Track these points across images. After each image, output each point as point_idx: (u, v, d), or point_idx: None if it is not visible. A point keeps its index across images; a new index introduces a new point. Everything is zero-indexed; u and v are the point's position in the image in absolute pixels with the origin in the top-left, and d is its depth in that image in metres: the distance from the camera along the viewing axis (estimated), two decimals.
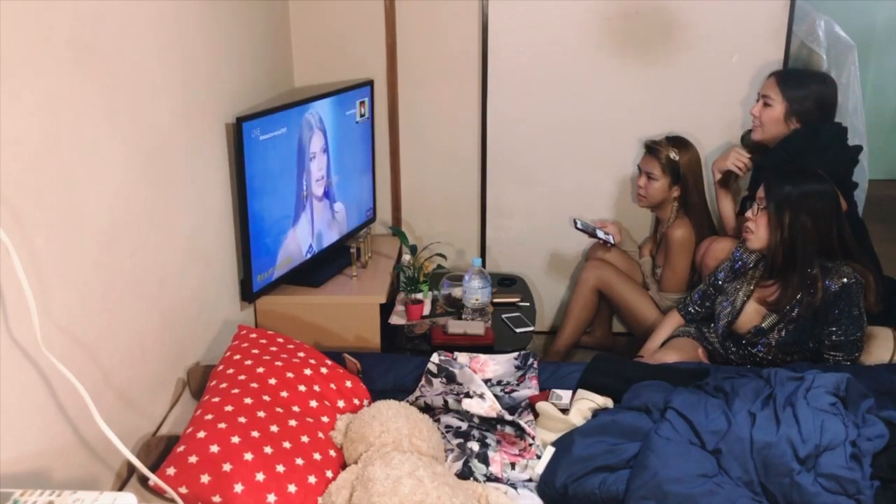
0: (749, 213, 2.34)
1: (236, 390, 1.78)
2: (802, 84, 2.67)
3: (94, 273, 1.59)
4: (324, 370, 2.00)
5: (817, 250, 2.23)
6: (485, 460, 1.83)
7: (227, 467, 1.56)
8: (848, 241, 2.26)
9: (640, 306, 2.91)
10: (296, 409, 1.82)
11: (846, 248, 2.25)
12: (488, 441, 1.90)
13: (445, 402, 2.02)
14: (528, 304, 2.94)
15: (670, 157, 2.84)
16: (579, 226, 3.00)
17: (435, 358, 2.24)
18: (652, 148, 2.89)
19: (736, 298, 2.40)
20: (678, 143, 2.87)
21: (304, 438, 1.72)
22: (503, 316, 2.81)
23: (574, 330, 3.05)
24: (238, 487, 1.54)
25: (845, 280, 2.20)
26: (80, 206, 1.53)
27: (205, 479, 1.54)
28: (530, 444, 1.90)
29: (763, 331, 2.32)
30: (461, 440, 1.90)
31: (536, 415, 2.01)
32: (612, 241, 2.99)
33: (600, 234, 2.98)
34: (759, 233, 2.30)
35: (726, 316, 2.41)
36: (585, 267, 3.04)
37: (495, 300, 2.86)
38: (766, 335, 2.32)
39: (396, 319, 2.76)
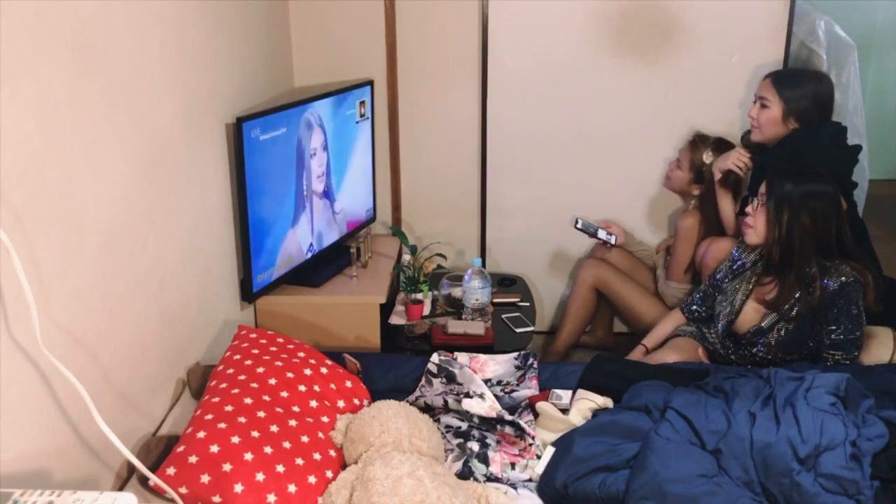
0: (749, 209, 2.35)
1: (236, 390, 1.78)
2: (798, 84, 2.68)
3: (94, 273, 1.59)
4: (324, 370, 2.00)
5: (815, 250, 2.24)
6: (485, 460, 1.83)
7: (227, 467, 1.56)
8: (846, 241, 2.26)
9: (639, 305, 2.91)
10: (296, 409, 1.82)
11: (844, 249, 2.25)
12: (488, 441, 1.90)
13: (445, 402, 2.02)
14: (528, 304, 2.94)
15: (702, 158, 2.85)
16: (580, 226, 2.99)
17: (435, 358, 2.24)
18: (694, 141, 2.90)
19: (735, 298, 2.40)
20: (721, 148, 2.84)
21: (304, 438, 1.72)
22: (503, 316, 2.81)
23: (573, 329, 3.05)
24: (238, 487, 1.54)
25: (844, 279, 2.20)
26: (80, 206, 1.53)
27: (205, 479, 1.54)
28: (530, 444, 1.90)
29: (763, 330, 2.32)
30: (461, 440, 1.90)
31: (536, 415, 2.01)
32: (612, 242, 2.99)
33: (602, 234, 2.98)
34: (757, 228, 2.31)
35: (726, 316, 2.41)
36: (583, 266, 3.05)
37: (495, 300, 2.86)
38: (766, 335, 2.32)
39: (396, 319, 2.76)
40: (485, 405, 1.97)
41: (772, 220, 2.26)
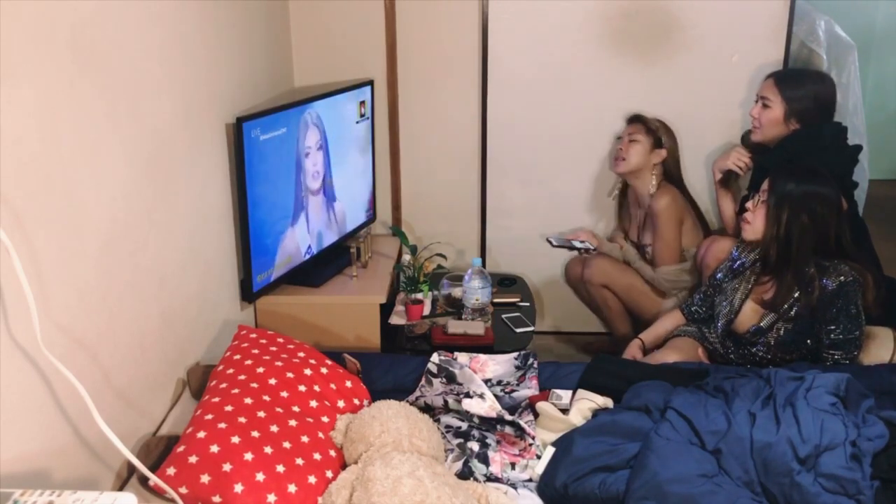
0: (749, 204, 2.34)
1: (236, 390, 1.78)
2: (800, 84, 2.68)
3: (94, 273, 1.59)
4: (324, 370, 2.00)
5: (813, 250, 2.23)
6: (485, 460, 1.83)
7: (227, 467, 1.56)
8: (846, 244, 2.25)
9: (642, 298, 2.93)
10: (296, 409, 1.82)
11: (843, 252, 2.25)
12: (488, 441, 1.90)
13: (445, 402, 2.02)
14: (528, 304, 2.94)
15: (655, 124, 2.91)
16: (555, 243, 3.00)
17: (435, 358, 2.24)
18: (638, 116, 2.95)
19: (734, 298, 2.40)
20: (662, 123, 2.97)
21: (304, 438, 1.72)
22: (503, 316, 2.81)
23: (619, 322, 3.07)
24: (238, 487, 1.54)
25: (843, 278, 2.20)
26: (80, 206, 1.53)
27: (205, 479, 1.54)
28: (530, 444, 1.89)
29: (762, 330, 2.32)
30: (461, 440, 1.90)
31: (536, 415, 2.01)
32: (592, 248, 3.00)
33: (577, 244, 2.99)
34: (755, 224, 2.31)
35: (725, 315, 2.41)
36: (586, 268, 3.04)
37: (495, 300, 2.86)
38: (765, 334, 2.32)
39: (396, 319, 2.76)
40: (485, 405, 1.97)
41: (771, 217, 2.26)
